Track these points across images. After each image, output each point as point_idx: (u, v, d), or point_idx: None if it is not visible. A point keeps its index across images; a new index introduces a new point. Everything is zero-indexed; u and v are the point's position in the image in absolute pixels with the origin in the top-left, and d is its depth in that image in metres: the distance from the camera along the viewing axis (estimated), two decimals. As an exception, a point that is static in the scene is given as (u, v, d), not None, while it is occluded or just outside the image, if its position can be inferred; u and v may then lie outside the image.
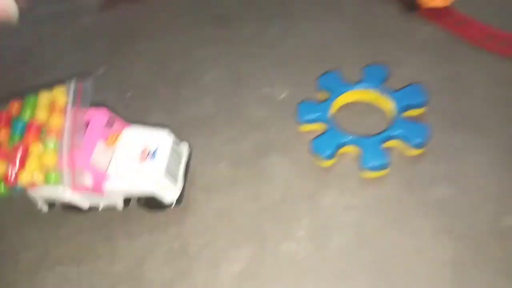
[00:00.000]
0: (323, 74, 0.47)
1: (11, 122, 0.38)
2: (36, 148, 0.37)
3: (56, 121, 0.37)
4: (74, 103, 0.38)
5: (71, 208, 0.42)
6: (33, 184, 0.37)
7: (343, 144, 0.42)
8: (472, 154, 0.41)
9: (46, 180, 0.37)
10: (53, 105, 0.38)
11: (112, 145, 0.40)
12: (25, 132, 0.37)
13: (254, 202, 0.41)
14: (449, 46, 0.50)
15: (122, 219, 0.42)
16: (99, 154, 0.39)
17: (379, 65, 0.47)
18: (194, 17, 0.59)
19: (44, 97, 0.39)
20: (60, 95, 0.39)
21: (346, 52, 0.51)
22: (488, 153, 0.41)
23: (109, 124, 0.40)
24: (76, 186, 0.38)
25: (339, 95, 0.46)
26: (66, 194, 0.39)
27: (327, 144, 0.42)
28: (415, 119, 0.43)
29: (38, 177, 0.37)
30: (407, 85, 0.45)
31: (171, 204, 0.41)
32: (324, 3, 0.57)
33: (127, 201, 0.41)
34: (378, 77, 0.46)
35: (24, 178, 0.36)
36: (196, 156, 0.44)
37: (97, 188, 0.39)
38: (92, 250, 0.40)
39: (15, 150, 0.37)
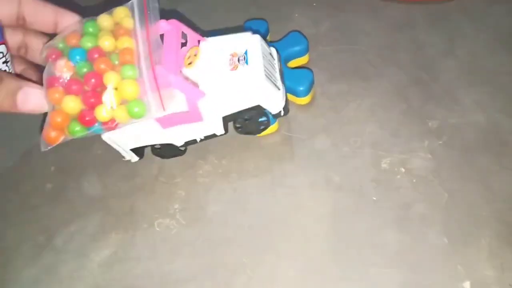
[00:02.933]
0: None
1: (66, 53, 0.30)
2: (111, 78, 0.29)
3: (126, 44, 0.30)
4: (142, 19, 0.31)
5: (163, 151, 0.37)
6: (113, 121, 0.29)
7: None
8: (352, 101, 0.39)
9: (130, 113, 0.29)
10: (118, 28, 0.31)
11: (194, 61, 0.34)
12: (89, 59, 0.30)
13: (128, 182, 0.38)
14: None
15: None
16: (185, 71, 0.32)
17: (259, 20, 0.44)
18: None
19: (104, 21, 0.31)
20: (123, 16, 0.31)
21: (231, 13, 0.48)
22: (369, 98, 0.39)
23: (183, 38, 0.34)
24: (166, 109, 0.30)
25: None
26: (154, 131, 0.33)
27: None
28: (299, 68, 0.41)
29: (119, 112, 0.29)
30: (287, 34, 0.42)
31: (279, 114, 0.35)
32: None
33: (225, 126, 0.36)
34: (259, 32, 0.43)
35: (103, 114, 0.29)
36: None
37: (192, 109, 0.32)
38: None
39: (87, 81, 0.29)
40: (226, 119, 0.35)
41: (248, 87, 0.33)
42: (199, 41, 0.35)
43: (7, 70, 0.31)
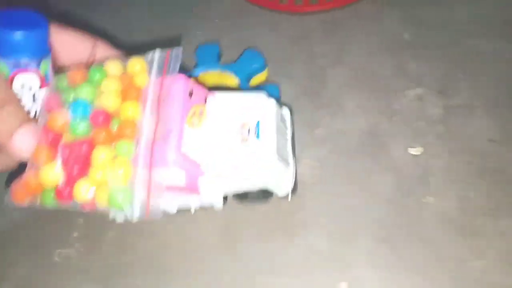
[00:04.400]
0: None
1: (66, 103, 0.27)
2: (102, 154, 0.25)
3: (130, 111, 0.26)
4: (157, 80, 0.27)
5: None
6: (93, 204, 0.26)
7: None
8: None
9: (110, 203, 0.25)
10: (128, 84, 0.27)
11: (200, 122, 0.29)
12: (91, 119, 0.26)
13: (33, 214, 0.38)
14: (243, 14, 0.50)
15: None
16: (188, 139, 0.28)
17: (211, 44, 0.45)
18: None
19: (113, 70, 0.27)
20: (138, 70, 0.28)
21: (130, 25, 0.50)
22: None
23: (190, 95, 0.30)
24: (149, 211, 0.26)
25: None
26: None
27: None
28: (262, 84, 0.42)
29: (100, 196, 0.25)
30: (242, 53, 0.43)
31: (287, 196, 0.32)
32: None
33: (225, 197, 0.33)
34: (212, 56, 0.43)
35: (82, 195, 0.25)
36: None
37: (191, 186, 0.29)
38: None
39: (75, 148, 0.25)
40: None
41: (256, 167, 0.29)
42: (205, 99, 0.31)
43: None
